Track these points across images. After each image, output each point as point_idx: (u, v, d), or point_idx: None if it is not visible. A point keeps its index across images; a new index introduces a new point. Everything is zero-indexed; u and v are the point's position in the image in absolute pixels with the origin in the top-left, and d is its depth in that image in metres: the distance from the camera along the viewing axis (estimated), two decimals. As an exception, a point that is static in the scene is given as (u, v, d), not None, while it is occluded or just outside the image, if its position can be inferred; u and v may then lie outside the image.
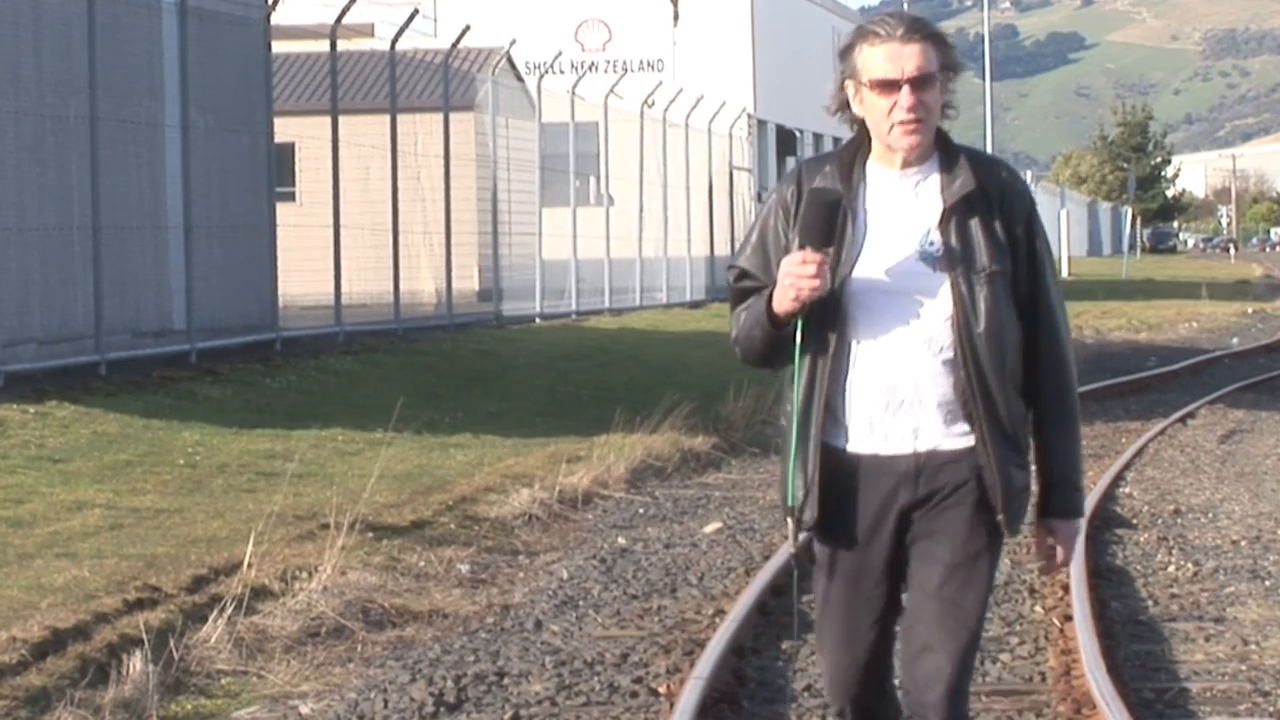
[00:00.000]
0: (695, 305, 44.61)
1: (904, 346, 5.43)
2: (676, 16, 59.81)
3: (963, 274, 5.41)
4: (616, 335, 34.55)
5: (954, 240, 5.43)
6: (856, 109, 5.49)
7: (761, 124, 59.05)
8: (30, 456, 16.27)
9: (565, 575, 12.84)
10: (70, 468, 15.95)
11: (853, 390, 5.48)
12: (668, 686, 9.43)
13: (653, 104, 42.84)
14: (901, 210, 5.49)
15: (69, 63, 21.48)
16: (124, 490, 15.12)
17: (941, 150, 5.54)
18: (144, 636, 9.67)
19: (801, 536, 5.54)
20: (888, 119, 5.42)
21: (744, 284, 5.61)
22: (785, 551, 8.26)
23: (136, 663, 9.29)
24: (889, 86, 5.39)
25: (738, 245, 5.94)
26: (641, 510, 15.98)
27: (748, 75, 58.84)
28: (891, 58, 5.38)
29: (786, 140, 61.97)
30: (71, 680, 9.12)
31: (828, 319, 5.43)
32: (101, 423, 18.12)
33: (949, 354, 5.42)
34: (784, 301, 5.37)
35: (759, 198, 56.33)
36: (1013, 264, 5.47)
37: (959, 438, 5.46)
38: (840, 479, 5.49)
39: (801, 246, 5.36)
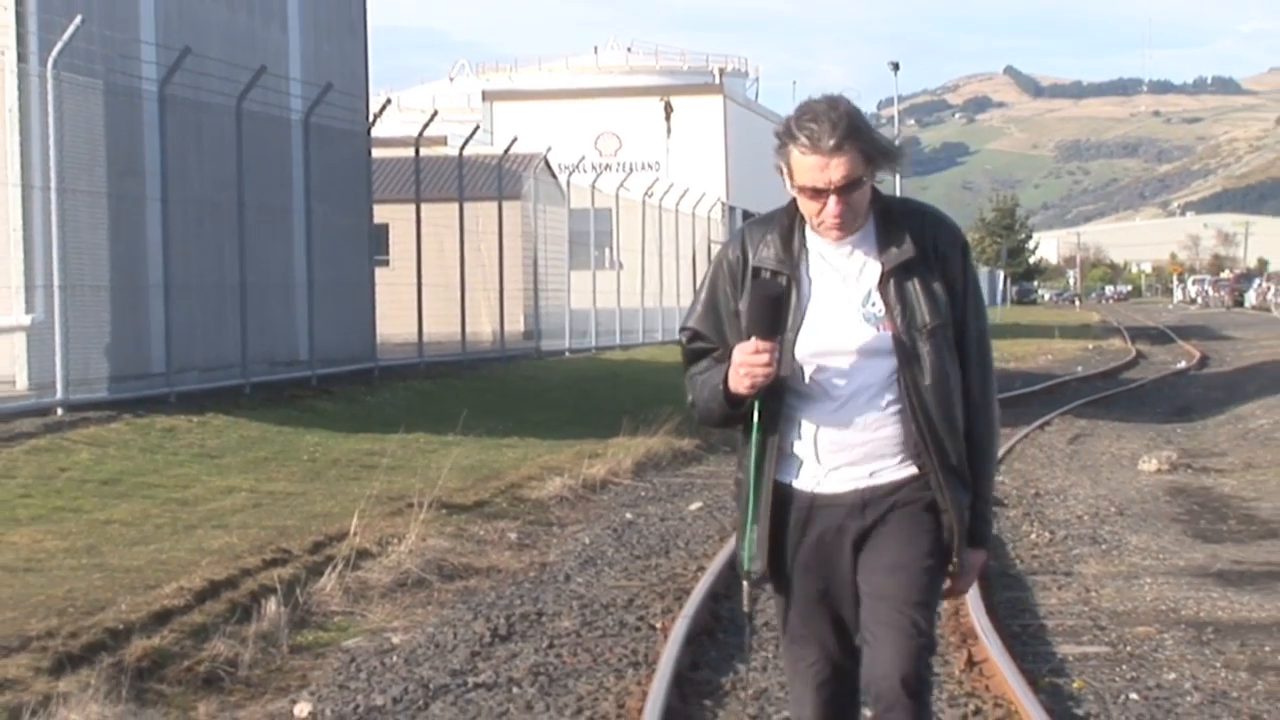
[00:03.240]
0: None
1: (855, 403, 4.48)
2: (669, 131, 60.29)
3: (905, 332, 4.45)
4: (625, 364, 34.56)
5: (894, 300, 4.46)
6: (790, 191, 4.52)
7: (732, 208, 59.20)
8: (194, 454, 16.30)
9: (587, 541, 12.86)
10: (223, 462, 15.97)
11: (808, 444, 4.53)
12: (663, 623, 9.46)
13: (652, 194, 42.93)
14: (843, 275, 4.51)
15: (223, 164, 21.54)
16: (263, 479, 15.14)
17: (875, 212, 4.54)
18: (277, 586, 9.68)
19: (750, 593, 4.63)
20: (817, 218, 4.47)
21: (696, 345, 4.64)
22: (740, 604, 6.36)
23: (272, 605, 9.30)
24: (817, 194, 4.42)
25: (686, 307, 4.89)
26: (643, 493, 16.00)
27: (721, 173, 59.13)
28: (819, 168, 4.38)
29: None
30: (224, 618, 9.13)
31: (781, 384, 4.48)
32: (246, 429, 18.14)
33: (897, 406, 4.48)
34: (739, 385, 4.44)
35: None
36: (949, 310, 4.51)
37: (902, 468, 4.53)
38: (792, 513, 4.55)
39: (748, 335, 4.43)
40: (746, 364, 4.41)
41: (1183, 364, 42.17)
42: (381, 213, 28.83)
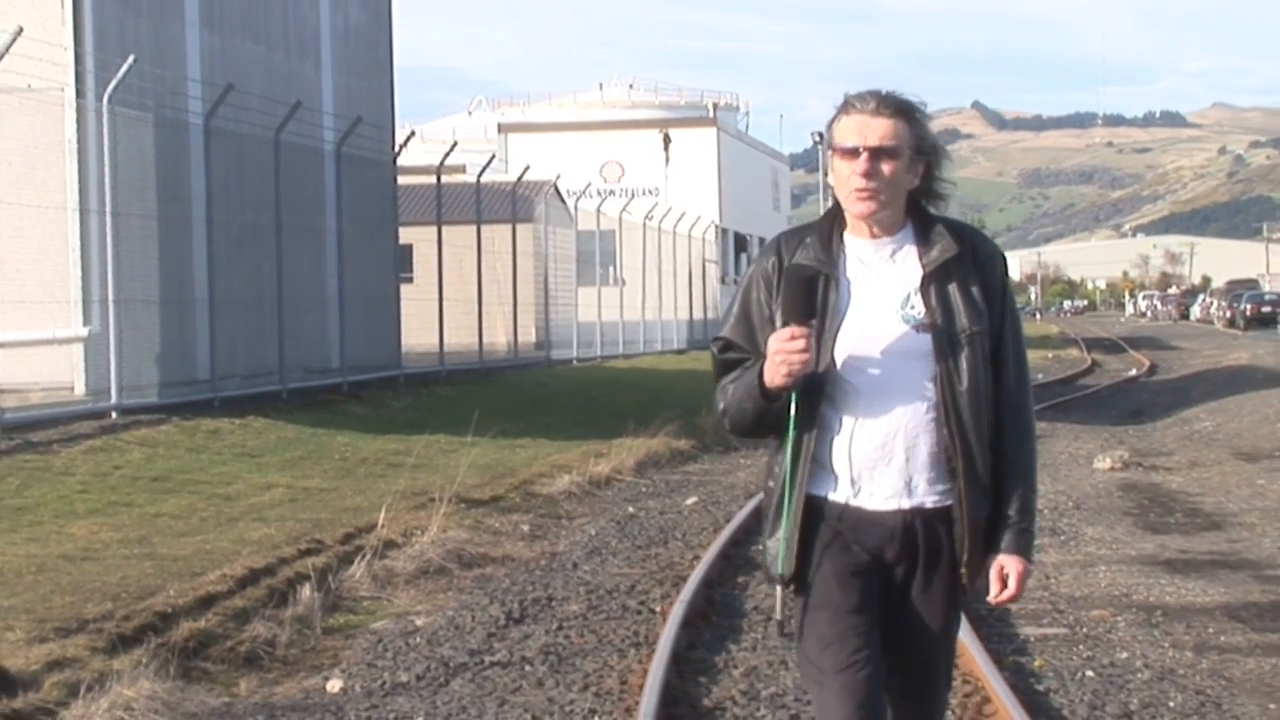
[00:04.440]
0: (679, 352, 44.59)
1: (892, 406, 4.00)
2: (667, 160, 60.29)
3: (945, 335, 4.00)
4: (627, 372, 34.55)
5: (935, 303, 4.01)
6: (830, 179, 4.09)
7: (724, 231, 59.27)
8: (236, 454, 16.29)
9: (593, 532, 12.84)
10: (262, 461, 15.96)
11: (843, 450, 4.03)
12: (662, 607, 9.45)
13: (651, 217, 42.88)
14: (881, 277, 4.05)
15: (262, 190, 21.55)
16: (299, 476, 15.14)
17: (915, 219, 4.09)
18: (311, 574, 9.68)
19: (784, 599, 4.13)
20: (846, 184, 3.99)
21: (729, 355, 4.14)
22: (773, 620, 5.63)
23: (306, 591, 9.30)
24: (850, 154, 3.97)
25: (720, 315, 4.24)
26: (644, 489, 15.98)
27: (715, 198, 59.15)
28: (859, 128, 3.96)
29: (740, 242, 62.48)
30: (263, 602, 9.13)
31: (818, 385, 4.01)
32: (283, 431, 18.13)
33: (934, 412, 4.00)
34: (775, 377, 3.93)
35: (723, 279, 56.42)
36: (988, 319, 4.06)
37: (941, 495, 4.03)
38: (825, 526, 4.05)
39: (785, 323, 3.95)
40: (783, 351, 3.90)
41: (1134, 372, 42.13)
42: (406, 234, 28.87)
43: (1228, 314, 75.81)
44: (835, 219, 4.10)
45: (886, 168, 3.97)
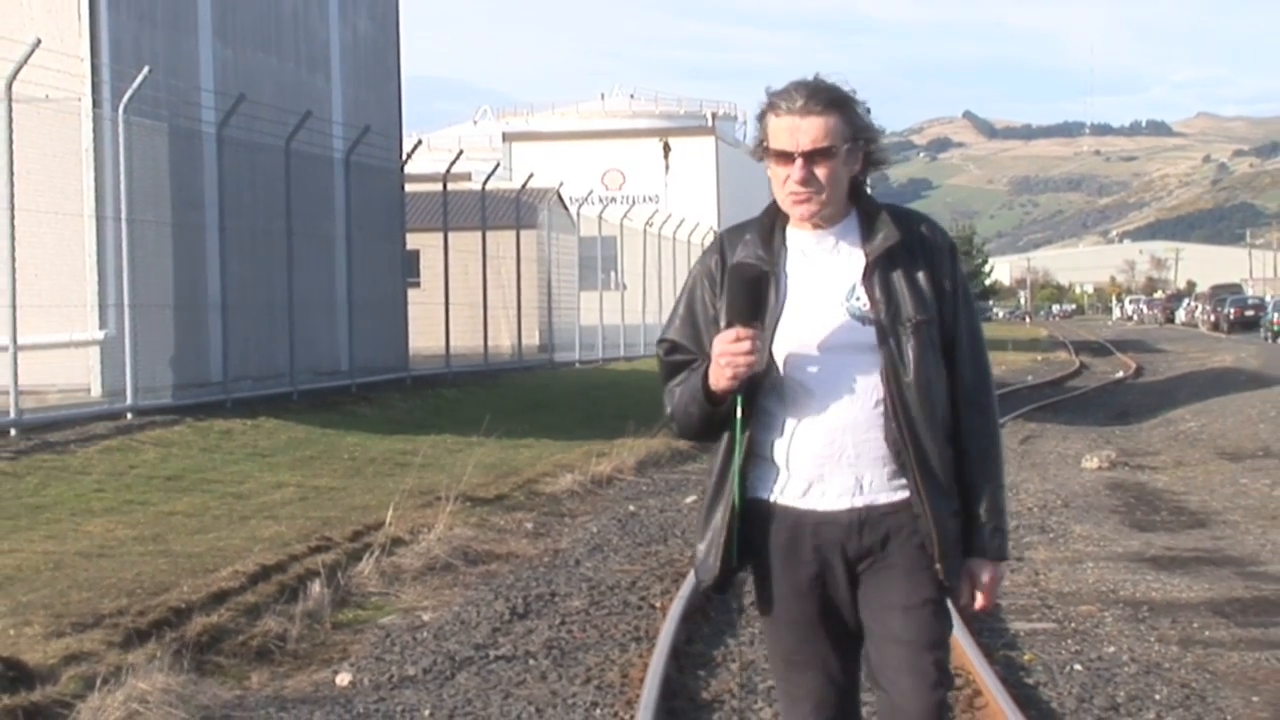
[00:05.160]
0: (679, 354, 44.68)
1: (838, 402, 3.71)
2: (667, 168, 60.34)
3: (889, 326, 3.70)
4: (628, 374, 34.53)
5: (878, 293, 3.72)
6: (768, 170, 3.79)
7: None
8: (248, 453, 16.29)
9: (595, 530, 12.83)
10: (274, 460, 15.96)
11: (792, 449, 3.74)
12: (661, 602, 9.44)
13: (652, 224, 42.88)
14: (823, 269, 3.77)
15: (274, 197, 21.56)
16: (309, 475, 15.13)
17: (859, 207, 3.81)
18: (321, 570, 9.67)
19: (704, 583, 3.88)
20: (782, 188, 3.72)
21: (675, 357, 3.85)
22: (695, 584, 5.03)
23: (316, 587, 9.29)
24: (784, 157, 3.69)
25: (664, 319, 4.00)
26: (644, 488, 15.97)
27: (713, 204, 59.08)
28: (790, 130, 3.67)
29: (738, 247, 62.43)
30: (274, 598, 9.12)
31: (761, 384, 3.72)
32: (294, 431, 18.13)
33: (882, 405, 3.70)
34: (720, 379, 3.65)
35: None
36: (938, 310, 3.76)
37: (896, 490, 3.74)
38: (774, 531, 3.78)
39: (729, 324, 3.66)
40: (727, 353, 3.62)
41: (1121, 374, 42.13)
42: (413, 240, 28.89)
43: (1212, 318, 75.79)
44: (777, 213, 3.82)
45: (822, 170, 3.70)
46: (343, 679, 7.73)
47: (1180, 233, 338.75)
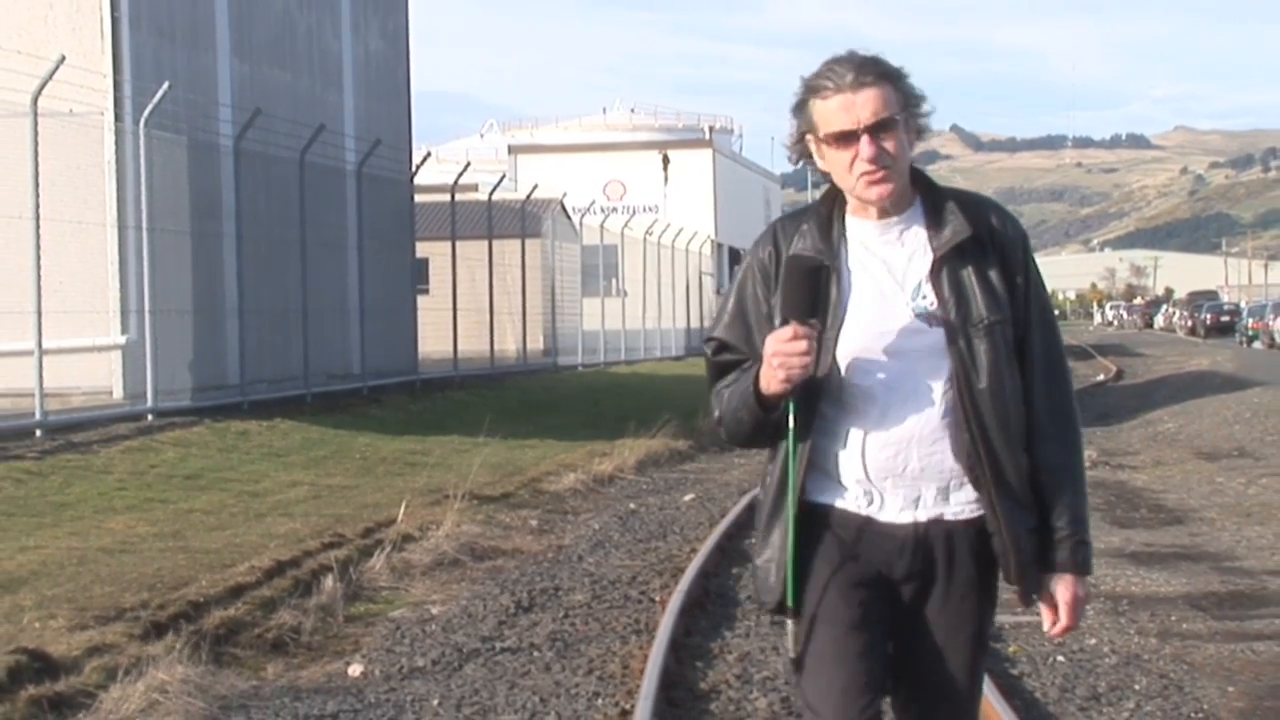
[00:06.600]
0: (678, 359, 44.62)
1: (905, 409, 3.24)
2: (666, 179, 60.38)
3: (960, 328, 3.23)
4: (629, 377, 34.54)
5: (947, 292, 3.24)
6: (820, 163, 3.28)
7: (719, 245, 59.24)
8: (263, 453, 16.29)
9: (597, 527, 12.83)
10: (289, 460, 15.96)
11: (849, 459, 3.28)
12: (661, 596, 9.43)
13: (651, 233, 42.90)
14: (887, 264, 3.29)
15: (288, 207, 21.58)
16: (322, 474, 15.14)
17: (924, 194, 3.32)
18: (334, 565, 9.67)
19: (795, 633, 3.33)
20: (850, 172, 3.21)
21: (723, 357, 3.37)
22: (785, 654, 4.09)
23: (329, 581, 9.29)
24: (846, 138, 3.19)
25: (711, 317, 3.34)
26: (644, 486, 15.97)
27: (710, 215, 59.20)
28: (845, 108, 3.17)
29: (735, 255, 62.49)
30: (289, 592, 9.13)
31: (819, 390, 3.24)
32: (308, 432, 18.13)
33: (950, 415, 3.24)
34: (772, 383, 3.17)
35: (718, 290, 56.41)
36: (1011, 309, 3.28)
37: (962, 506, 3.30)
38: (830, 538, 3.32)
39: (784, 321, 3.17)
40: (781, 354, 3.13)
41: (1102, 376, 42.09)
42: (422, 249, 28.90)
43: (1189, 323, 75.79)
44: (835, 201, 3.34)
45: (890, 143, 3.21)
46: (354, 670, 7.73)
47: (1159, 241, 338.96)
